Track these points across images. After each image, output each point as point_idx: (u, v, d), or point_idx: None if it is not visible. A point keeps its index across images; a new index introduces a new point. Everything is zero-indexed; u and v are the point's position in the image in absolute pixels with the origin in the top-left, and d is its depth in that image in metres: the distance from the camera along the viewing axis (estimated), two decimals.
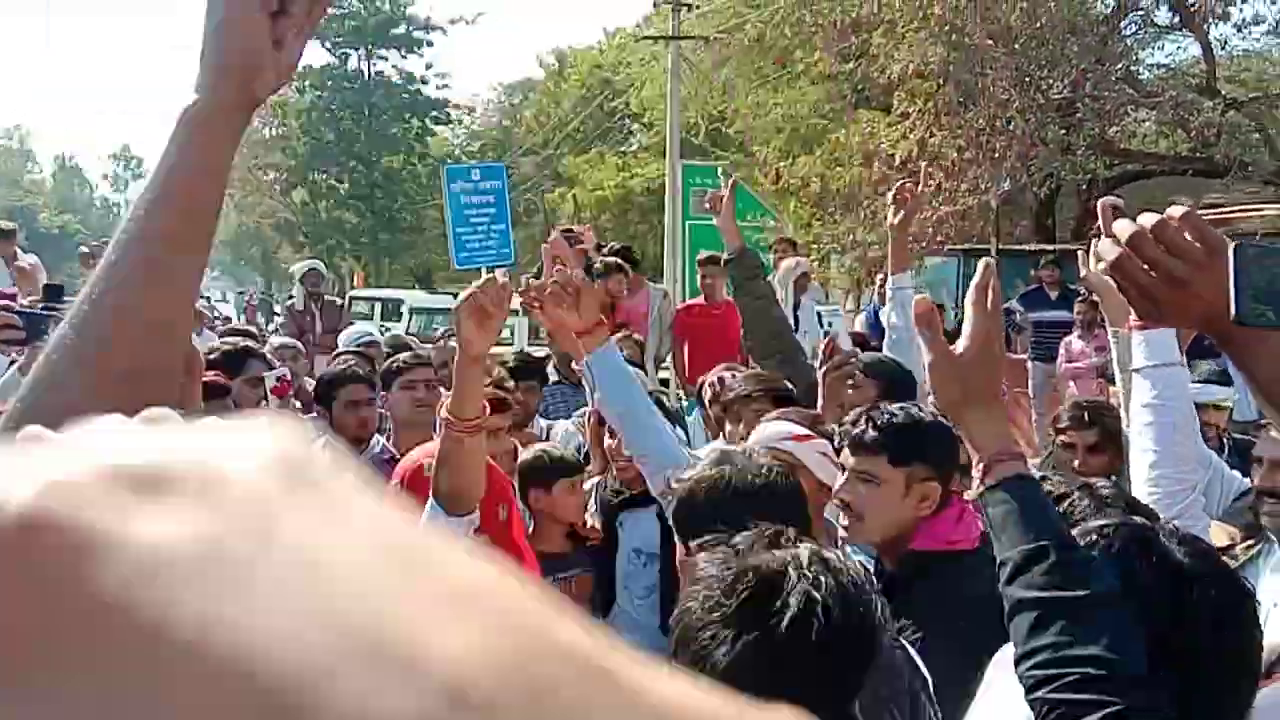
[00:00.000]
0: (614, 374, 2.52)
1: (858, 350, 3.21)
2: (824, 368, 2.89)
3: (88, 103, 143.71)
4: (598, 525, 3.18)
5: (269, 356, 4.06)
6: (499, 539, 2.40)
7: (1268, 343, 1.17)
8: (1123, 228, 1.16)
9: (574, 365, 4.41)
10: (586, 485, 3.31)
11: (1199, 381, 3.87)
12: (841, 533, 2.26)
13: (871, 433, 2.18)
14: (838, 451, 2.35)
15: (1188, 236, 1.15)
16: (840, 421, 2.87)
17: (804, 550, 1.23)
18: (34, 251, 8.93)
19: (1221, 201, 11.90)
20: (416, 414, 3.89)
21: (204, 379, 2.99)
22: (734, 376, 3.83)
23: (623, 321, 6.69)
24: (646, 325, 7.30)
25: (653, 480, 2.63)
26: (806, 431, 2.48)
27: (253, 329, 7.97)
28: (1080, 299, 9.69)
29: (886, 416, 2.21)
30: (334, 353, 5.54)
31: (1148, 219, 1.15)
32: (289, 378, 3.74)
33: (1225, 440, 3.77)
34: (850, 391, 2.97)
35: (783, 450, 2.44)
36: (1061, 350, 9.19)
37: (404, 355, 4.26)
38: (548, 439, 4.12)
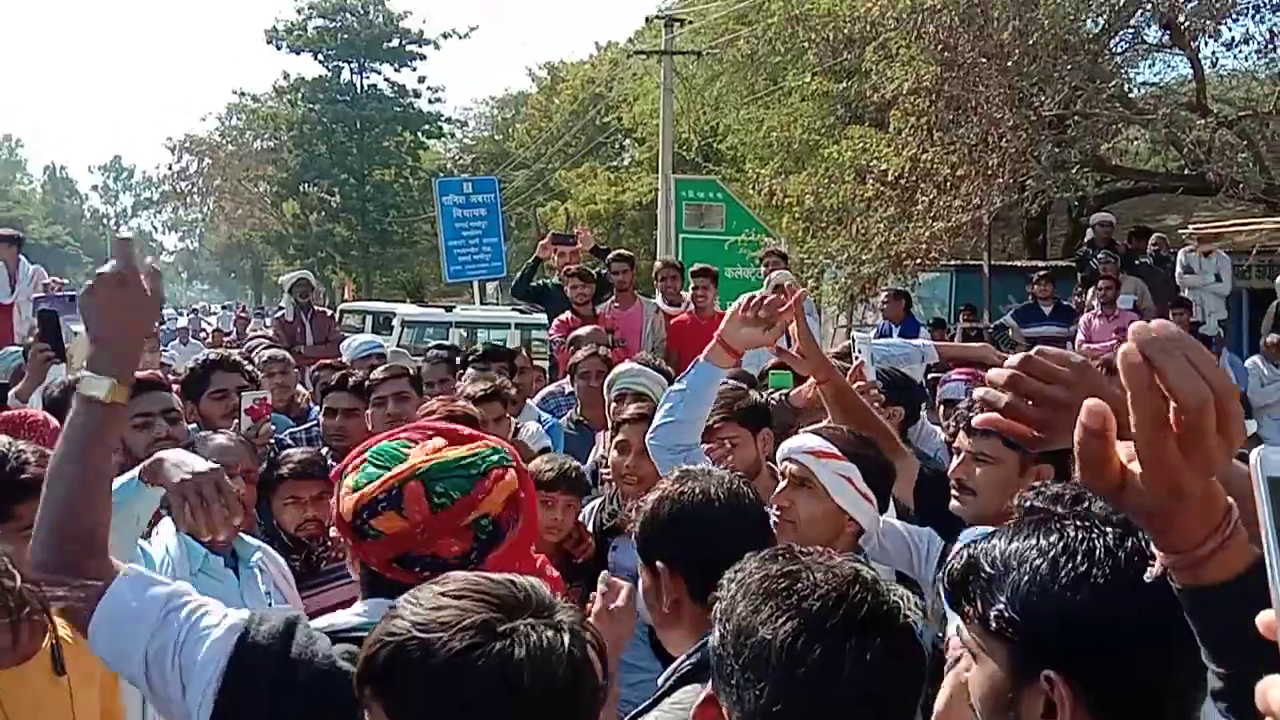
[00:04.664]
0: (708, 388, 2.66)
1: (878, 383, 3.20)
2: None
3: (79, 113, 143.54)
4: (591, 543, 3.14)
5: (251, 371, 3.98)
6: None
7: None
8: (997, 375, 1.21)
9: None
10: (588, 508, 3.27)
11: None
12: (954, 505, 2.39)
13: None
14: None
15: (1052, 365, 1.21)
16: None
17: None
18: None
19: (1213, 219, 11.93)
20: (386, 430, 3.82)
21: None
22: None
23: (620, 338, 6.68)
24: (639, 340, 7.26)
25: None
26: (830, 449, 2.39)
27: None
28: (1104, 261, 9.81)
29: None
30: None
31: (1014, 360, 1.21)
32: (268, 400, 3.63)
33: None
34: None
35: (798, 462, 2.40)
36: (1081, 328, 9.36)
37: (377, 370, 4.22)
38: (515, 436, 4.09)
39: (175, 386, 3.49)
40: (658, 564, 1.82)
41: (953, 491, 2.41)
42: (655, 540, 1.85)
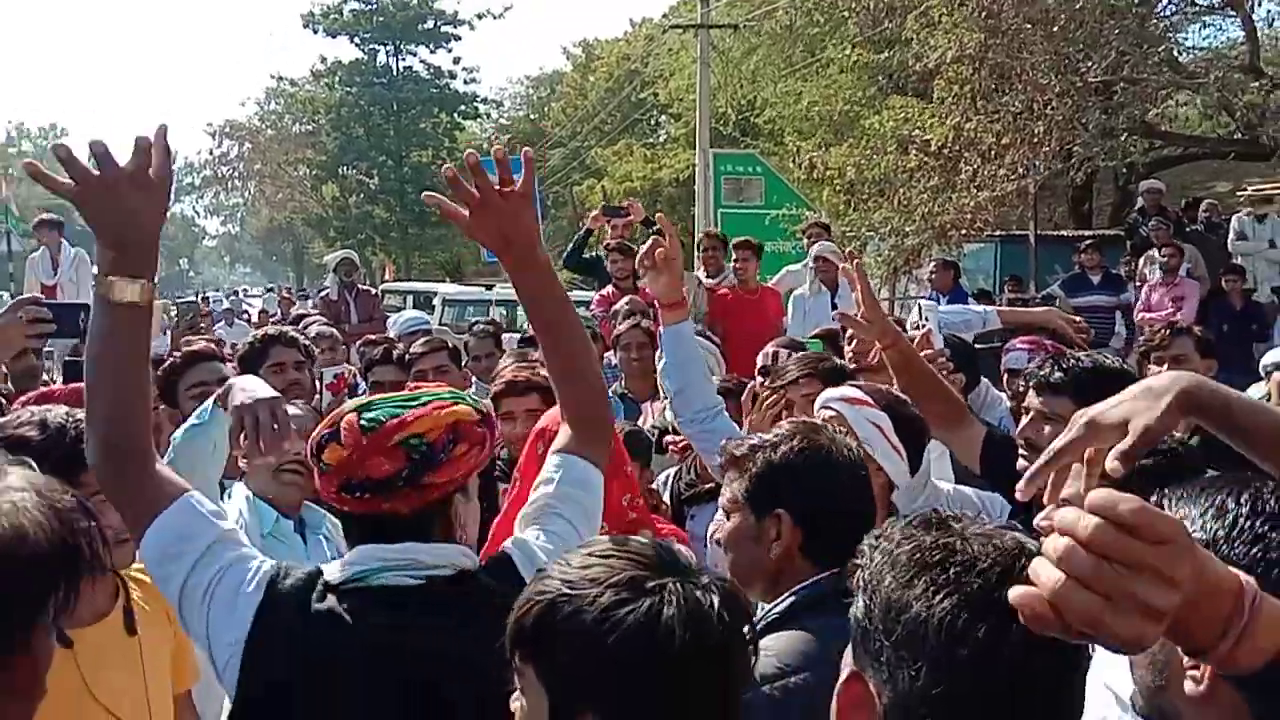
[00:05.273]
0: (685, 348, 2.68)
1: (947, 351, 3.15)
2: None
3: (121, 100, 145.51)
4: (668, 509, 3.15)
5: (307, 345, 4.05)
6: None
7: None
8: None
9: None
10: (661, 476, 3.27)
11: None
12: (1022, 464, 2.32)
13: (1057, 374, 2.32)
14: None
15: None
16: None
17: None
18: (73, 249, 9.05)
19: (1266, 186, 11.63)
20: None
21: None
22: (787, 355, 3.85)
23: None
24: None
25: (708, 456, 2.65)
26: (865, 398, 2.41)
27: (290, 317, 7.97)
28: (1156, 229, 9.71)
29: (1071, 361, 2.35)
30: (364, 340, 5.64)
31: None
32: (346, 375, 3.73)
33: None
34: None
35: (833, 408, 2.41)
36: (1141, 298, 9.27)
37: (417, 344, 4.31)
38: None
39: (231, 362, 3.55)
40: (779, 511, 1.78)
41: (1020, 452, 2.37)
42: (780, 486, 1.79)
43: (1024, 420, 2.40)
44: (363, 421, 1.60)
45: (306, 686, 1.53)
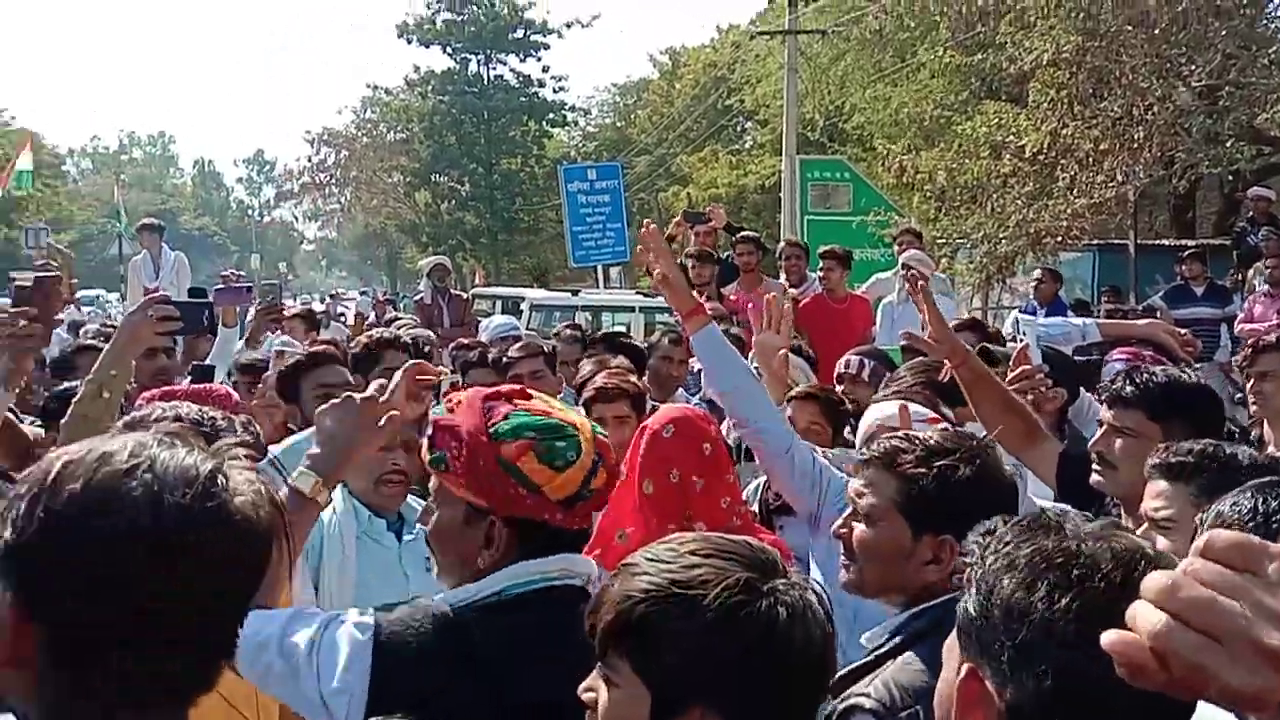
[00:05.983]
0: (717, 353, 2.62)
1: (1045, 367, 3.08)
2: (1011, 379, 2.80)
3: (225, 109, 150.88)
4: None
5: (424, 350, 4.18)
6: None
7: None
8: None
9: None
10: (753, 485, 3.27)
11: None
12: (1095, 479, 2.33)
13: (1130, 388, 2.30)
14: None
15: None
16: None
17: None
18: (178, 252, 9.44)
19: None
20: None
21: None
22: (859, 363, 3.86)
23: (745, 319, 6.67)
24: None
25: (771, 460, 2.63)
26: (932, 414, 2.46)
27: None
28: (1267, 239, 9.32)
29: (1146, 375, 2.33)
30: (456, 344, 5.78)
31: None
32: (459, 384, 3.86)
33: None
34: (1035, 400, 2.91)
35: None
36: (1244, 309, 8.94)
37: (513, 348, 4.39)
38: None
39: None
40: (946, 538, 1.68)
41: (1093, 466, 2.33)
42: (953, 510, 1.67)
43: (1097, 434, 2.37)
44: (602, 438, 1.66)
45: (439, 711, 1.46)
